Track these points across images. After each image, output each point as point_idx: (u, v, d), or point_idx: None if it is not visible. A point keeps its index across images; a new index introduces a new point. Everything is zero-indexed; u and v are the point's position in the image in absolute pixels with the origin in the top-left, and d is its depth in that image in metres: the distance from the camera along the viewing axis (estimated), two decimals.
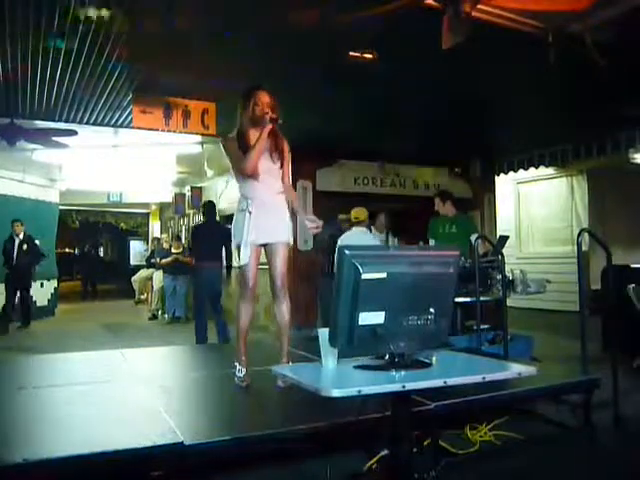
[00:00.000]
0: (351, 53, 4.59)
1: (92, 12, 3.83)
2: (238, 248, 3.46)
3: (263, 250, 3.54)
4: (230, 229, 3.58)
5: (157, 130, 5.82)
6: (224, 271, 6.96)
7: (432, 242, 6.13)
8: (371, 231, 6.59)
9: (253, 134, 3.40)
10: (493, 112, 6.74)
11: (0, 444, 2.48)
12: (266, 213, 3.43)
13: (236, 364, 3.56)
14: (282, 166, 3.54)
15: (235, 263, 3.56)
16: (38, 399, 3.34)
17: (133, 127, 6.01)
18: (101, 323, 10.12)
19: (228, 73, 5.01)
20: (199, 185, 11.86)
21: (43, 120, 6.57)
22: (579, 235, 4.24)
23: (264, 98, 3.39)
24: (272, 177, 3.48)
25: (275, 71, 4.77)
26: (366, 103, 6.09)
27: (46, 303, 10.89)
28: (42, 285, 10.73)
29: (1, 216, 9.47)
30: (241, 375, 3.51)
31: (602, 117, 6.48)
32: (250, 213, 3.40)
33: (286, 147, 3.57)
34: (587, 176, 9.87)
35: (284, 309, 3.56)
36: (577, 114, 6.54)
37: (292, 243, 3.64)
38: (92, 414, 2.99)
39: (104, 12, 3.85)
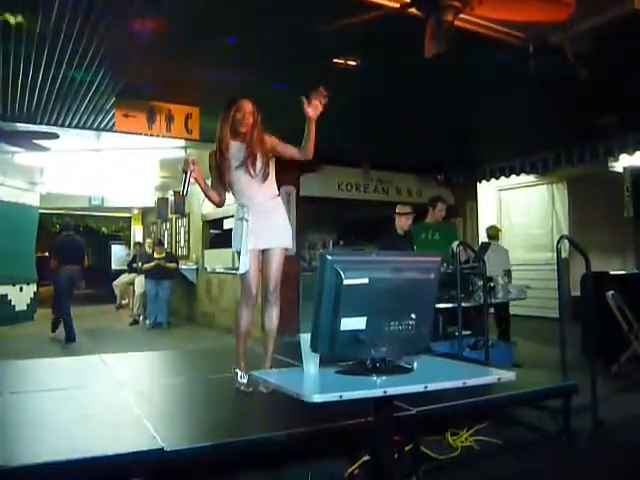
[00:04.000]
0: (335, 60, 4.62)
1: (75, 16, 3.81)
2: (238, 255, 3.46)
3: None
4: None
5: (140, 134, 5.79)
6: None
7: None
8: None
9: (233, 145, 3.40)
10: (475, 120, 6.82)
11: None
12: (264, 219, 3.43)
13: (237, 370, 3.51)
14: (283, 153, 3.49)
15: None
16: (15, 405, 3.29)
17: (116, 131, 5.98)
18: (81, 328, 9.97)
19: (212, 78, 5.00)
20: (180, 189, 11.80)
21: (25, 123, 6.50)
22: (559, 242, 4.30)
23: (246, 106, 3.37)
24: (262, 182, 3.44)
25: (259, 76, 4.78)
26: (349, 110, 6.12)
27: (25, 308, 10.73)
28: (21, 289, 10.58)
29: None
30: (244, 381, 3.45)
31: (582, 126, 6.58)
32: (247, 221, 3.40)
33: (272, 141, 3.46)
34: (567, 184, 10.03)
35: (274, 314, 3.56)
36: (558, 123, 6.64)
37: (290, 247, 3.66)
38: (71, 420, 2.95)
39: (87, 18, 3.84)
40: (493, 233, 7.40)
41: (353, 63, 4.67)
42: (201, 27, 4.05)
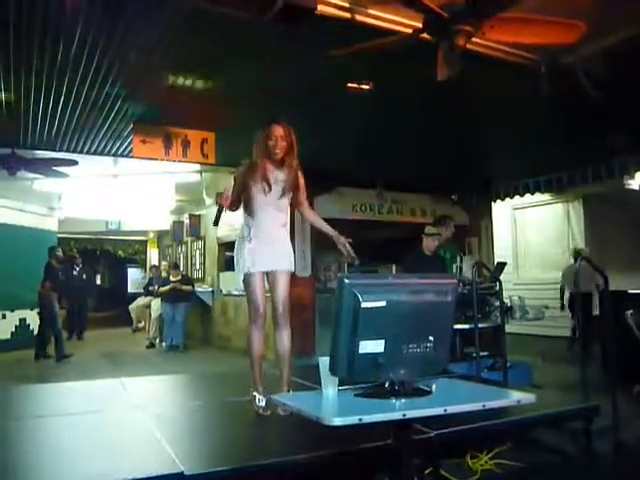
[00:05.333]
0: (349, 84, 4.69)
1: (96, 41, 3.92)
2: (242, 275, 3.48)
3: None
4: None
5: (157, 160, 5.89)
6: None
7: None
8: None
9: (268, 165, 3.43)
10: (489, 140, 6.85)
11: (1, 475, 2.47)
12: (267, 244, 3.45)
13: (255, 394, 3.49)
14: (296, 196, 3.55)
15: (237, 292, 3.57)
16: (37, 429, 3.31)
17: (133, 157, 6.09)
18: (99, 351, 10.06)
19: (227, 103, 5.10)
20: (197, 213, 11.93)
21: (44, 150, 6.65)
22: (576, 261, 4.27)
23: (277, 131, 3.41)
24: (277, 210, 3.49)
25: (274, 101, 4.86)
26: (364, 131, 6.19)
27: None
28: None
29: (0, 244, 9.50)
30: (262, 404, 3.42)
31: (596, 145, 6.57)
32: (249, 242, 3.43)
33: (300, 180, 3.56)
34: (583, 202, 9.96)
35: (285, 336, 3.53)
36: (572, 141, 6.64)
37: (293, 270, 3.62)
38: (91, 444, 2.97)
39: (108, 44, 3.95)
40: (583, 253, 7.54)
41: (367, 87, 4.72)
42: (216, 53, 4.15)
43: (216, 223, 3.56)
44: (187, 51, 4.14)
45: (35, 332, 10.46)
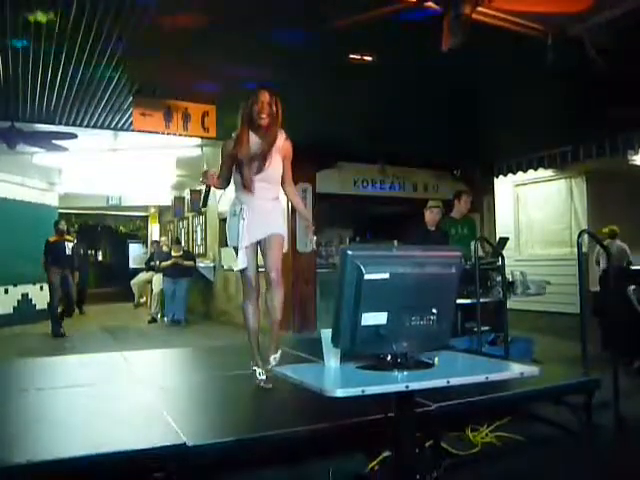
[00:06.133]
0: (351, 55, 4.61)
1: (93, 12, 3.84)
2: (235, 251, 3.46)
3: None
4: None
5: (157, 133, 5.82)
6: None
7: None
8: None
9: (251, 136, 3.37)
10: (492, 114, 6.76)
11: (4, 445, 2.48)
12: (259, 218, 3.41)
13: (254, 368, 3.50)
14: (283, 170, 3.48)
15: (234, 267, 3.52)
16: (40, 401, 3.34)
17: (133, 130, 6.03)
18: (101, 326, 10.11)
19: (228, 75, 5.02)
20: (198, 188, 11.88)
21: (43, 123, 6.59)
22: (579, 236, 4.25)
23: (263, 96, 3.33)
24: (268, 184, 3.43)
25: (275, 73, 4.78)
26: (366, 105, 6.11)
27: (45, 306, 10.86)
28: (41, 288, 10.70)
29: (0, 219, 9.48)
30: (263, 377, 3.43)
31: (601, 119, 6.50)
32: (243, 219, 3.38)
33: (288, 152, 3.49)
34: (586, 178, 9.89)
35: (276, 294, 3.44)
36: (576, 116, 6.56)
37: (285, 237, 3.57)
38: (94, 415, 2.99)
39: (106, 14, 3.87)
40: (613, 233, 8.05)
41: (369, 58, 4.65)
42: (217, 23, 4.07)
43: (204, 204, 3.54)
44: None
45: (37, 307, 10.56)
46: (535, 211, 10.87)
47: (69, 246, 9.09)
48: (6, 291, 9.85)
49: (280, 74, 4.82)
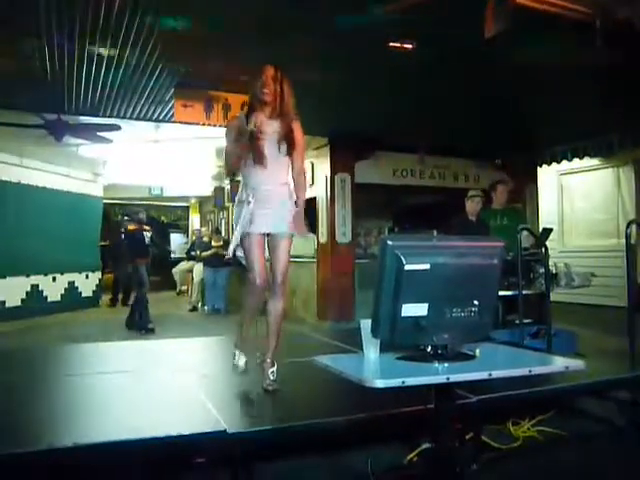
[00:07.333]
0: (391, 44, 4.55)
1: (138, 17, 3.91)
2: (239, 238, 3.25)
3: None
4: None
5: (198, 124, 5.89)
6: None
7: None
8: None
9: (256, 114, 3.17)
10: (535, 101, 6.58)
11: (51, 428, 2.57)
12: (268, 203, 3.20)
13: (235, 351, 3.41)
14: (292, 154, 3.27)
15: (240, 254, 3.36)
16: (86, 386, 3.44)
17: (175, 121, 6.11)
18: None
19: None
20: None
21: (88, 115, 6.74)
22: (628, 226, 4.12)
23: (268, 71, 3.17)
24: (278, 165, 3.23)
25: (315, 63, 4.77)
26: (405, 94, 6.04)
27: (91, 294, 11.19)
28: (87, 277, 11.03)
29: (48, 209, 9.77)
30: (240, 364, 3.36)
31: None
32: (249, 204, 3.18)
33: (299, 134, 3.28)
34: (635, 166, 9.55)
35: (279, 307, 3.30)
36: (624, 102, 6.33)
37: (293, 234, 3.31)
38: (137, 401, 3.07)
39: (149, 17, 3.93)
40: None
41: (409, 46, 4.58)
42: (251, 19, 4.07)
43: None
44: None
45: (83, 294, 10.87)
46: (580, 201, 10.57)
47: (147, 235, 8.94)
48: (54, 279, 10.16)
49: (320, 65, 4.80)
